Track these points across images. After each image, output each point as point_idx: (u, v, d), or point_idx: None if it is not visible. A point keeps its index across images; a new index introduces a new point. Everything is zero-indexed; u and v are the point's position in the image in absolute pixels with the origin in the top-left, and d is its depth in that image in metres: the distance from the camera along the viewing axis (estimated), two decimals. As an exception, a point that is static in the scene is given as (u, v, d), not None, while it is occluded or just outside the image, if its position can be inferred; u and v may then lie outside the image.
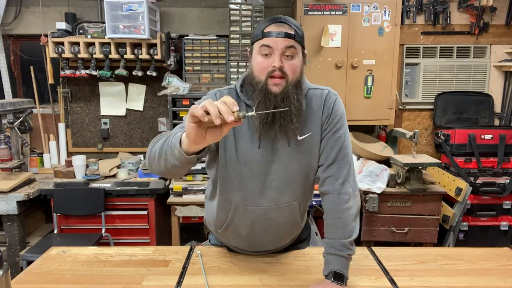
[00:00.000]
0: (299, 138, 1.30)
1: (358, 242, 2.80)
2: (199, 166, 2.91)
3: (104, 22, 3.19)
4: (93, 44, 3.19)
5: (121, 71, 3.25)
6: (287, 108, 1.21)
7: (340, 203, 1.30)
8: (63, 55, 3.20)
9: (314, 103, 1.33)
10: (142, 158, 3.48)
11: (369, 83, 3.15)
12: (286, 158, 1.32)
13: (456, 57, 3.51)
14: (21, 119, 3.12)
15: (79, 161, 3.12)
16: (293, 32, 1.24)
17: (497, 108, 3.57)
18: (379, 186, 2.75)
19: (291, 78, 1.24)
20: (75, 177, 3.12)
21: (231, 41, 3.19)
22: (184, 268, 1.44)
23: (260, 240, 1.46)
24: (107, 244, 3.00)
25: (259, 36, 1.25)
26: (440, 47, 3.49)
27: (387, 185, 2.80)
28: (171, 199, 2.94)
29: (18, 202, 2.83)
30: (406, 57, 3.50)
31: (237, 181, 1.34)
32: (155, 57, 3.22)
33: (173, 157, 1.07)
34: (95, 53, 3.19)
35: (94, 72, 3.27)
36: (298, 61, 1.26)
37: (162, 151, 1.12)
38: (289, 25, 1.24)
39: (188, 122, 0.99)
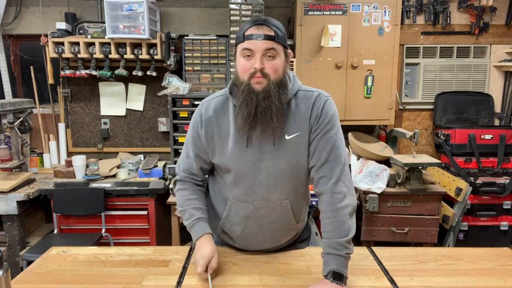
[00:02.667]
0: (287, 137, 1.34)
1: (358, 242, 2.81)
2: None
3: (104, 22, 3.19)
4: (93, 44, 3.19)
5: (121, 71, 3.25)
6: None
7: (334, 202, 1.31)
8: (63, 55, 3.20)
9: (303, 104, 1.36)
10: (142, 158, 3.48)
11: (369, 83, 3.15)
12: (274, 157, 1.35)
13: (456, 57, 3.51)
14: (21, 119, 3.12)
15: (79, 161, 3.12)
16: (273, 34, 1.26)
17: (497, 108, 3.57)
18: (379, 186, 2.75)
19: (273, 78, 1.27)
20: (75, 177, 3.12)
21: (231, 41, 3.19)
22: (184, 268, 1.44)
23: (254, 239, 1.49)
24: (107, 244, 3.00)
25: (241, 39, 1.29)
26: (440, 47, 3.49)
27: (387, 185, 2.80)
28: (171, 199, 2.94)
29: (18, 202, 2.83)
30: (406, 57, 3.50)
31: (229, 180, 1.41)
32: (155, 57, 3.22)
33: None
34: (95, 53, 3.19)
35: (94, 72, 3.26)
36: (279, 61, 1.29)
37: (184, 222, 1.48)
38: (269, 27, 1.27)
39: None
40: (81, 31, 3.31)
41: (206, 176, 1.53)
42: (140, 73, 3.32)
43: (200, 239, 1.39)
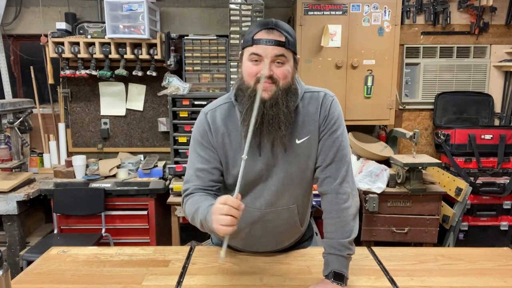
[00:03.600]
0: (298, 142, 1.31)
1: (358, 242, 2.81)
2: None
3: (104, 22, 3.19)
4: (93, 44, 3.19)
5: (121, 71, 3.25)
6: None
7: (339, 202, 1.30)
8: (63, 55, 3.20)
9: (311, 106, 1.33)
10: (142, 158, 3.48)
11: (369, 83, 3.15)
12: (285, 162, 1.33)
13: (456, 57, 3.51)
14: (21, 119, 3.12)
15: (79, 161, 3.12)
16: (283, 40, 1.21)
17: (497, 108, 3.56)
18: (379, 186, 2.75)
19: (282, 84, 1.23)
20: (75, 177, 3.12)
21: (231, 41, 3.19)
22: (184, 268, 1.44)
23: (258, 242, 1.47)
24: (107, 244, 3.00)
25: (249, 43, 1.23)
26: (440, 47, 3.48)
27: (387, 185, 2.80)
28: (171, 199, 2.94)
29: (18, 202, 2.83)
30: (406, 57, 3.50)
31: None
32: (155, 57, 3.22)
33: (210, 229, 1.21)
34: (95, 53, 3.19)
35: (94, 72, 3.26)
36: (289, 67, 1.24)
37: (197, 222, 1.25)
38: (279, 32, 1.21)
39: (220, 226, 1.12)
40: (81, 31, 3.31)
41: (219, 188, 1.39)
42: (140, 73, 3.32)
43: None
